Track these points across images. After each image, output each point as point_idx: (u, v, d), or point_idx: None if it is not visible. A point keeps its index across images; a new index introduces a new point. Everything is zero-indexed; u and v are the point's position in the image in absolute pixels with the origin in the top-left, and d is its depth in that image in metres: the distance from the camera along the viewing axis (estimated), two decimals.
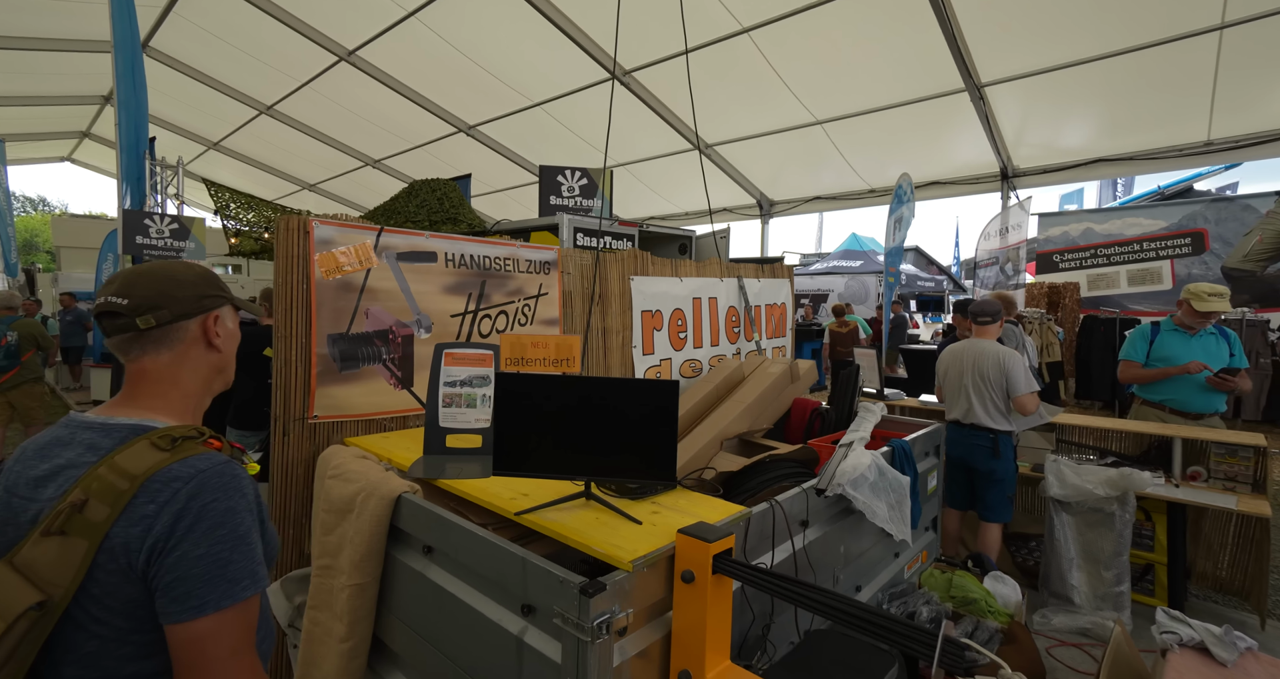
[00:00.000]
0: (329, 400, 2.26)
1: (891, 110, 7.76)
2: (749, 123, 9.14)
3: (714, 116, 9.13)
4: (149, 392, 1.03)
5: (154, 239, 5.14)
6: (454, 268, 2.60)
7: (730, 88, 8.19)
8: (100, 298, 1.02)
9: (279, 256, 2.17)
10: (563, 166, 4.78)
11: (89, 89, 12.28)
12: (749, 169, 10.56)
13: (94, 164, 17.20)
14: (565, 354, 1.87)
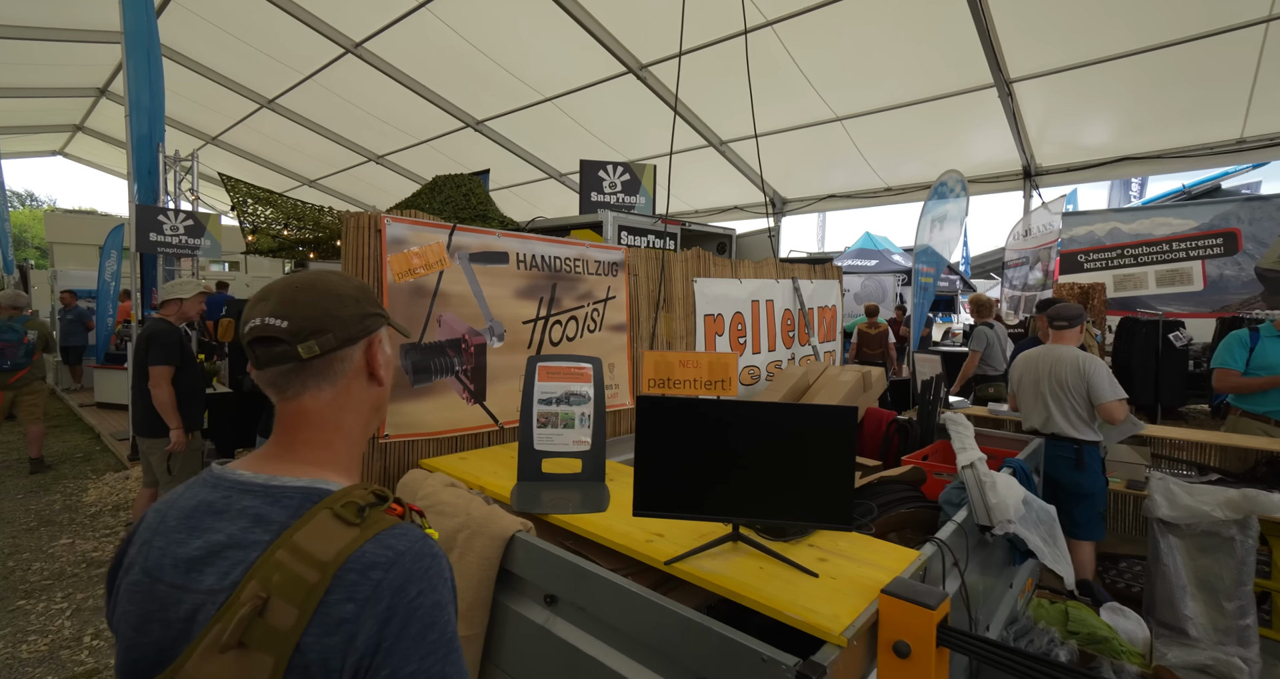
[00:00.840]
0: (401, 418, 2.01)
1: (914, 107, 7.56)
2: (765, 119, 8.90)
3: (730, 112, 8.88)
4: (310, 439, 0.79)
5: (168, 236, 4.82)
6: (525, 269, 2.35)
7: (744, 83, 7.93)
8: (253, 320, 0.77)
9: (347, 258, 1.91)
10: (604, 161, 4.51)
11: (83, 81, 11.78)
12: (764, 166, 10.32)
13: (87, 158, 16.59)
14: (720, 375, 1.62)
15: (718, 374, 1.66)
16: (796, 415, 1.26)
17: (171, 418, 3.35)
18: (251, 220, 5.15)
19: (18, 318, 5.39)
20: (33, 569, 3.57)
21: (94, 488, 4.99)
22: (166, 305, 3.53)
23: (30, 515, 4.40)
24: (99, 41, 9.85)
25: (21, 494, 4.87)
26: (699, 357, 1.68)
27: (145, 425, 3.40)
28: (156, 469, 3.42)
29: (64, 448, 6.33)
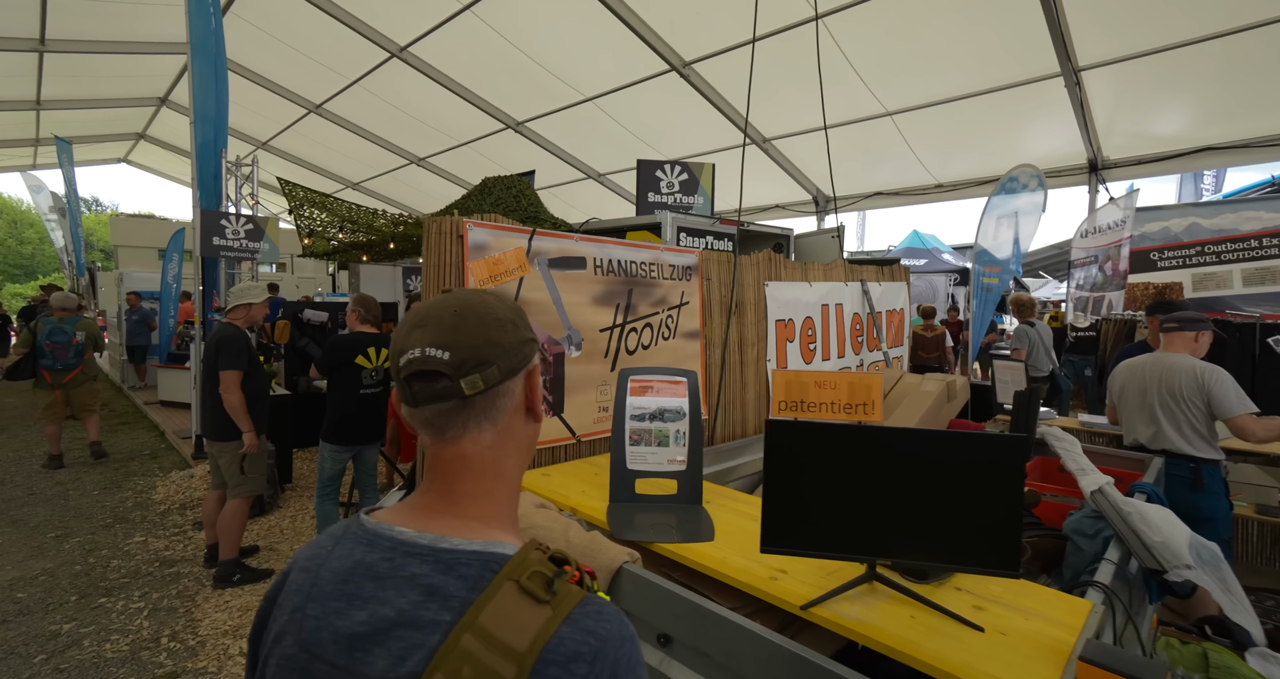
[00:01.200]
0: None
1: (969, 100, 7.20)
2: (811, 116, 8.63)
3: (774, 109, 8.64)
4: (474, 490, 0.68)
5: (229, 240, 4.88)
6: (601, 275, 2.23)
7: (794, 79, 7.70)
8: (411, 351, 0.66)
9: (429, 265, 1.82)
10: (661, 161, 4.38)
11: (146, 91, 12.21)
12: (806, 164, 10.05)
13: (149, 165, 17.26)
14: (862, 397, 1.47)
15: (859, 397, 1.50)
16: (955, 445, 1.10)
17: (244, 421, 3.36)
18: (307, 224, 5.19)
19: (68, 319, 5.49)
20: (111, 566, 3.64)
21: (161, 486, 5.11)
22: (235, 310, 3.55)
23: (106, 512, 4.52)
24: (160, 52, 10.18)
25: (97, 490, 5.01)
26: (837, 377, 1.52)
27: (216, 429, 3.42)
28: (226, 471, 3.44)
29: (132, 445, 6.54)
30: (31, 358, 5.36)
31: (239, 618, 3.09)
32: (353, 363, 3.48)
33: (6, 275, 30.41)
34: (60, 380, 5.45)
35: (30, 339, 5.37)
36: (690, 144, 10.03)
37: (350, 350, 3.48)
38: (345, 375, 3.49)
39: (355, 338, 3.52)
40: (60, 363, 5.41)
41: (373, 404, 3.61)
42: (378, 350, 3.58)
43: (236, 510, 3.43)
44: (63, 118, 12.57)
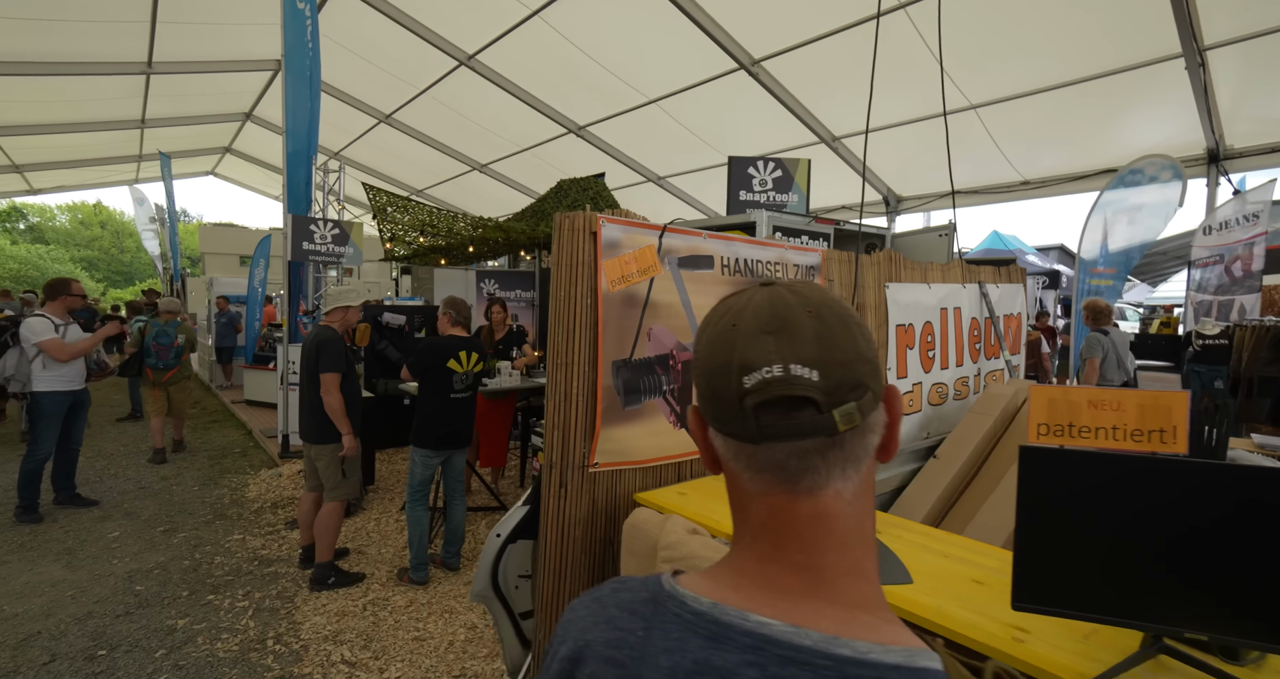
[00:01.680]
0: (612, 444, 1.76)
1: (1066, 89, 6.65)
2: (882, 112, 8.22)
3: (845, 106, 8.28)
4: (843, 565, 0.49)
5: (318, 244, 4.99)
6: (729, 275, 2.05)
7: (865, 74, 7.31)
8: (768, 369, 0.47)
9: (560, 264, 1.69)
10: (753, 157, 4.17)
11: (234, 107, 12.90)
12: (876, 162, 9.60)
13: (234, 177, 18.31)
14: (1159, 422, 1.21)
15: (1154, 422, 1.23)
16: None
17: (343, 424, 3.36)
18: (389, 228, 5.24)
19: (171, 322, 5.96)
20: (215, 563, 3.72)
21: (253, 484, 5.25)
22: (332, 312, 3.56)
23: (206, 508, 4.67)
24: (248, 70, 10.72)
25: (197, 486, 5.21)
26: (1121, 395, 1.27)
27: (315, 431, 3.43)
28: (324, 474, 3.45)
29: (224, 442, 6.82)
30: (139, 356, 5.85)
31: (336, 623, 3.07)
32: (444, 366, 3.43)
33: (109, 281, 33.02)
34: (161, 378, 5.91)
35: (140, 339, 5.86)
36: (756, 144, 9.76)
37: (442, 354, 3.43)
38: (436, 379, 3.44)
39: (447, 341, 3.47)
40: (162, 362, 5.86)
41: (463, 409, 3.55)
42: (469, 354, 3.52)
43: (333, 513, 3.43)
44: (162, 134, 13.44)
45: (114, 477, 5.43)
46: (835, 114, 8.82)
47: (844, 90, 7.83)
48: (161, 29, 8.76)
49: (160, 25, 8.67)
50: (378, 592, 3.41)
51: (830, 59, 7.41)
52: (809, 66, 7.60)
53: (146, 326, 5.86)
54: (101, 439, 6.81)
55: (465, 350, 3.50)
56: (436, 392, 3.45)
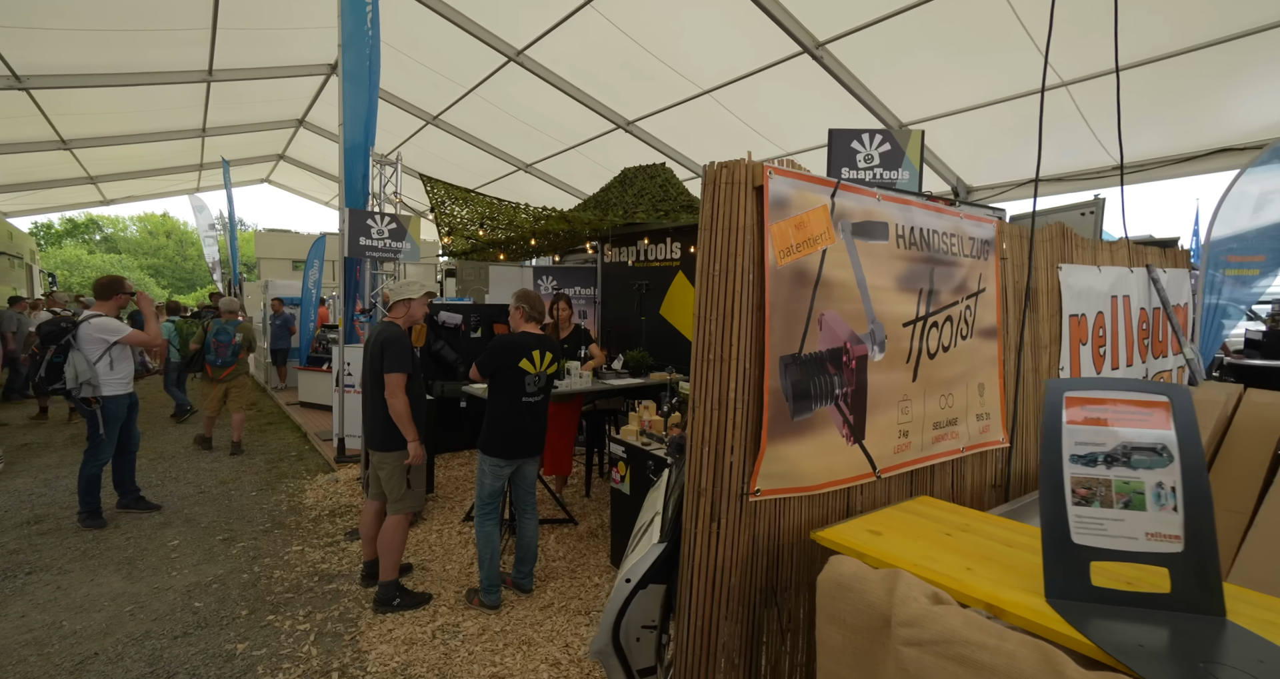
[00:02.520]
0: (778, 465, 1.34)
1: (1177, 59, 5.89)
2: (955, 95, 7.58)
3: (916, 91, 7.66)
4: None
5: (374, 240, 4.75)
6: (903, 247, 1.60)
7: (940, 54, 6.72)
8: None
9: (712, 231, 1.28)
10: (858, 130, 3.70)
11: (287, 114, 13.08)
12: (944, 151, 8.92)
13: (288, 184, 18.72)
14: None
15: None
16: None
17: (409, 429, 3.04)
18: (448, 221, 4.96)
19: (231, 321, 6.13)
20: (275, 578, 3.46)
21: (310, 490, 5.04)
22: (395, 307, 3.25)
23: (264, 515, 4.46)
24: (301, 75, 10.78)
25: (255, 491, 5.03)
26: None
27: (378, 437, 3.12)
28: (388, 484, 3.14)
29: (280, 445, 6.69)
30: (201, 354, 6.04)
31: (405, 654, 2.74)
32: (516, 367, 3.08)
33: (173, 287, 34.57)
34: (219, 375, 6.08)
35: (203, 337, 6.06)
36: (815, 135, 9.21)
37: (515, 352, 3.08)
38: (508, 380, 3.09)
39: (521, 339, 3.11)
40: (220, 359, 6.02)
41: (536, 413, 3.19)
42: (542, 353, 3.16)
43: (397, 527, 3.12)
44: (221, 142, 13.75)
45: (174, 480, 5.31)
46: (904, 100, 8.19)
47: (915, 73, 7.24)
48: (221, 36, 8.82)
49: (220, 32, 8.73)
50: (446, 616, 3.07)
51: (901, 39, 6.83)
52: (877, 48, 7.04)
53: (209, 324, 6.04)
54: (159, 440, 6.79)
55: (539, 349, 3.14)
56: (507, 394, 3.10)
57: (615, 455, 3.27)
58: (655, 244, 4.69)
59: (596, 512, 4.49)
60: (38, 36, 8.03)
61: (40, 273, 15.58)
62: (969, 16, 6.04)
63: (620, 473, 3.23)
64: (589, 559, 3.70)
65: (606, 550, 3.80)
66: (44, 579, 3.42)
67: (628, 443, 3.22)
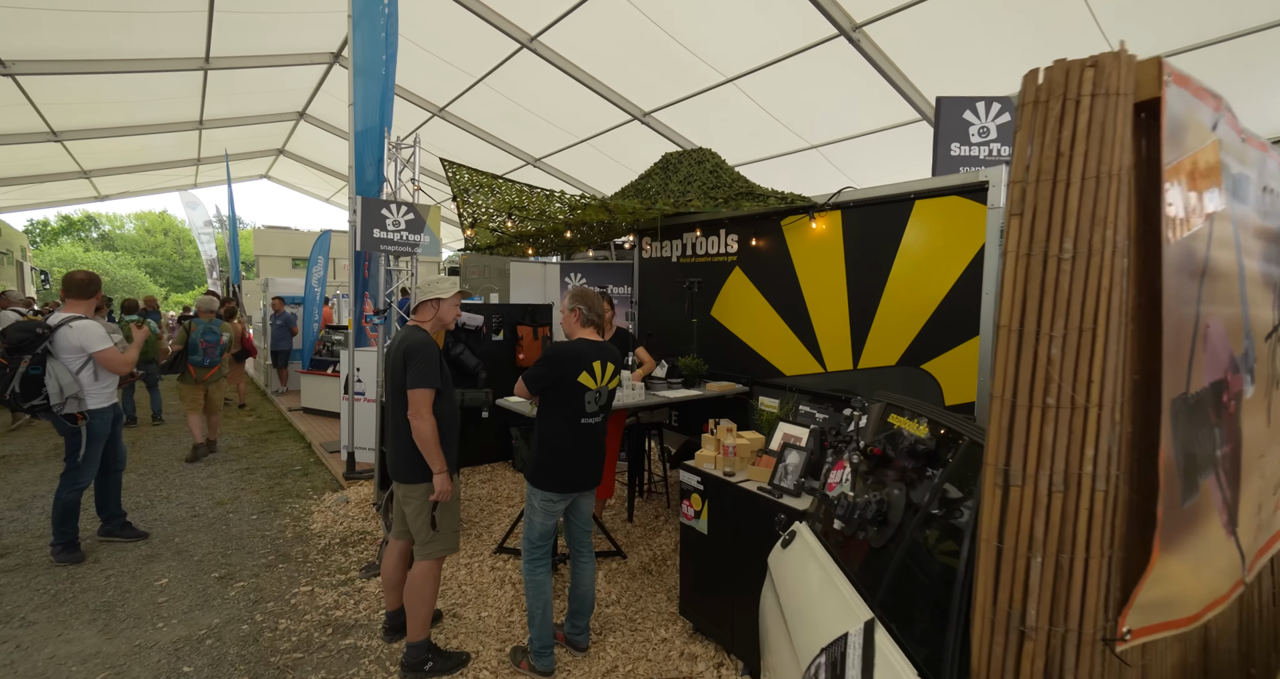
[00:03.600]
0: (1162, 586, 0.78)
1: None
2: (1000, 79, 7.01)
3: (954, 77, 7.10)
4: None
5: (390, 231, 4.15)
6: (1263, 217, 1.04)
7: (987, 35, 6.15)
8: None
9: (1035, 183, 0.71)
10: (972, 98, 3.10)
11: (287, 106, 12.42)
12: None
13: (287, 180, 18.04)
14: None
15: None
16: None
17: (435, 458, 2.45)
18: (471, 211, 4.37)
19: (215, 321, 5.83)
20: (280, 630, 2.87)
21: (318, 513, 4.44)
22: (421, 308, 2.66)
23: (266, 545, 3.86)
24: (302, 64, 10.13)
25: (256, 514, 4.41)
26: None
27: (402, 467, 2.53)
28: (414, 523, 2.55)
29: (283, 457, 6.08)
30: (183, 355, 5.68)
31: None
32: (575, 381, 2.50)
33: (171, 286, 33.80)
34: (203, 376, 5.79)
35: (185, 337, 5.69)
36: (843, 125, 8.65)
37: (574, 364, 2.49)
38: (564, 398, 2.51)
39: (580, 348, 2.53)
40: (208, 359, 5.76)
41: (596, 436, 2.61)
42: (604, 364, 2.57)
43: (427, 576, 2.53)
44: (219, 136, 13.08)
45: (165, 500, 4.70)
46: (941, 86, 7.58)
47: (957, 58, 6.69)
48: (219, 19, 8.17)
49: (217, 15, 8.08)
50: None
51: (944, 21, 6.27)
52: (918, 31, 6.48)
53: (192, 325, 5.71)
54: (149, 452, 6.17)
55: (601, 360, 2.55)
56: (563, 415, 2.52)
57: (688, 486, 2.70)
58: (707, 237, 4.11)
59: (644, 540, 3.91)
60: (23, 18, 7.37)
61: (32, 270, 14.86)
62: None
63: (694, 508, 2.66)
64: (647, 604, 3.13)
65: (665, 591, 3.23)
66: (1, 635, 2.82)
67: (705, 472, 2.64)
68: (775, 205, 3.47)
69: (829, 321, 3.24)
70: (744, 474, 2.56)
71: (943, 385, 2.72)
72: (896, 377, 2.88)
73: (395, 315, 4.45)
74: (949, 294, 2.68)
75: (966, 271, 2.61)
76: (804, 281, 3.41)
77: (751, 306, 3.78)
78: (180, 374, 5.75)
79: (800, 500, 2.26)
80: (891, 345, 2.92)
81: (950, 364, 2.69)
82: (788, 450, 2.36)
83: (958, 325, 2.64)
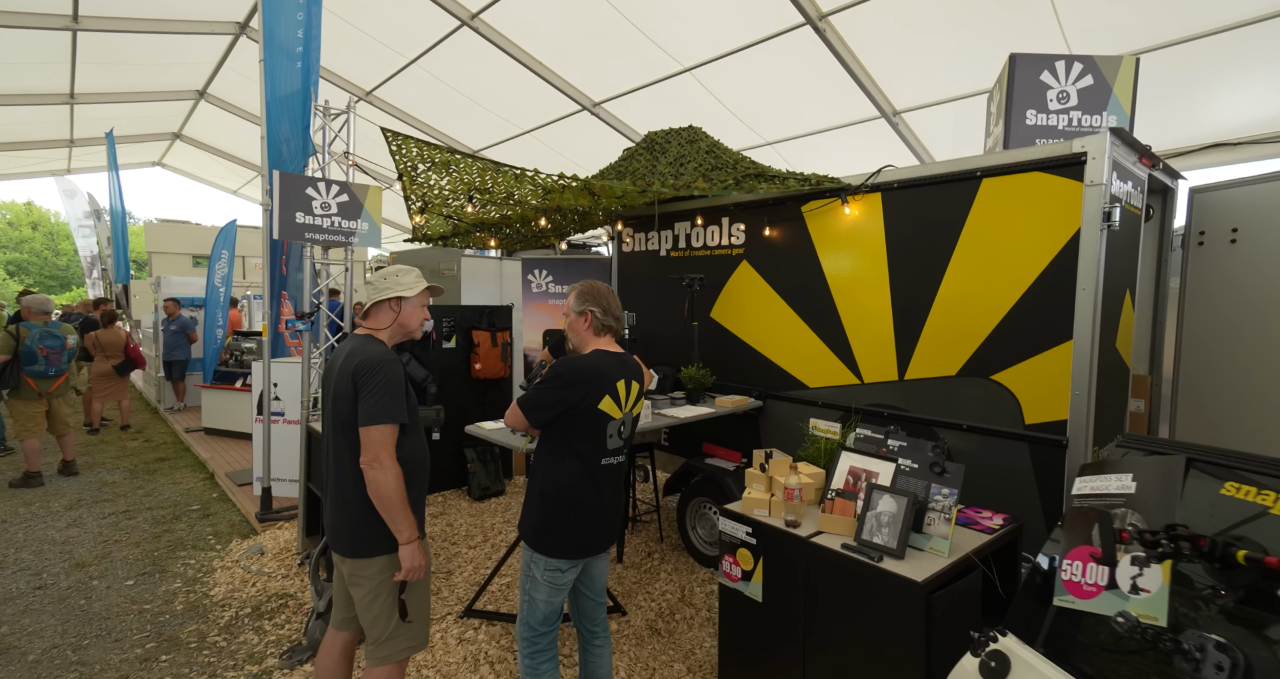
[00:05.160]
0: None
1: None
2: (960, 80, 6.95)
3: (916, 73, 7.01)
4: None
5: (318, 216, 3.26)
6: None
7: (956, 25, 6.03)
8: None
9: None
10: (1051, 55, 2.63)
11: (183, 82, 10.72)
12: (931, 137, 8.34)
13: (185, 169, 15.83)
14: None
15: None
16: None
17: (401, 520, 1.68)
18: (420, 194, 3.56)
19: (53, 323, 5.03)
20: None
21: (222, 570, 3.43)
22: (377, 312, 1.89)
23: (145, 626, 2.86)
24: (201, 33, 8.66)
25: (132, 578, 3.35)
26: None
27: (349, 534, 1.75)
28: (366, 612, 1.77)
29: (176, 494, 4.89)
30: (12, 366, 4.72)
31: None
32: (595, 409, 1.82)
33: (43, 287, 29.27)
34: (47, 388, 4.93)
35: (13, 345, 4.69)
36: (802, 122, 8.40)
37: (595, 385, 1.80)
38: (580, 431, 1.82)
39: (600, 364, 1.84)
40: (54, 368, 4.93)
41: (617, 480, 1.94)
42: (628, 384, 1.91)
43: None
44: (97, 114, 11.10)
45: (1, 566, 3.52)
46: (901, 82, 7.50)
47: (916, 54, 6.56)
48: None
49: None
50: None
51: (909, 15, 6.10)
52: (882, 24, 6.28)
53: (21, 330, 4.73)
54: None
55: (625, 379, 1.89)
56: (578, 453, 1.83)
57: (732, 539, 2.08)
58: (707, 226, 3.53)
59: (641, 587, 3.22)
60: None
61: None
62: None
63: (742, 566, 2.05)
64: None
65: (683, 658, 2.60)
66: None
67: (758, 522, 2.03)
68: (796, 188, 2.95)
69: (866, 324, 2.75)
70: (812, 524, 1.98)
71: (1021, 401, 2.28)
72: (957, 390, 2.43)
73: (325, 319, 3.54)
74: (1030, 290, 2.25)
75: (1054, 263, 2.18)
76: (832, 278, 2.90)
77: (763, 307, 3.24)
78: (11, 389, 4.76)
79: (910, 566, 1.69)
80: (950, 352, 2.46)
81: (1031, 375, 2.25)
82: (878, 494, 1.80)
83: (1041, 328, 2.21)
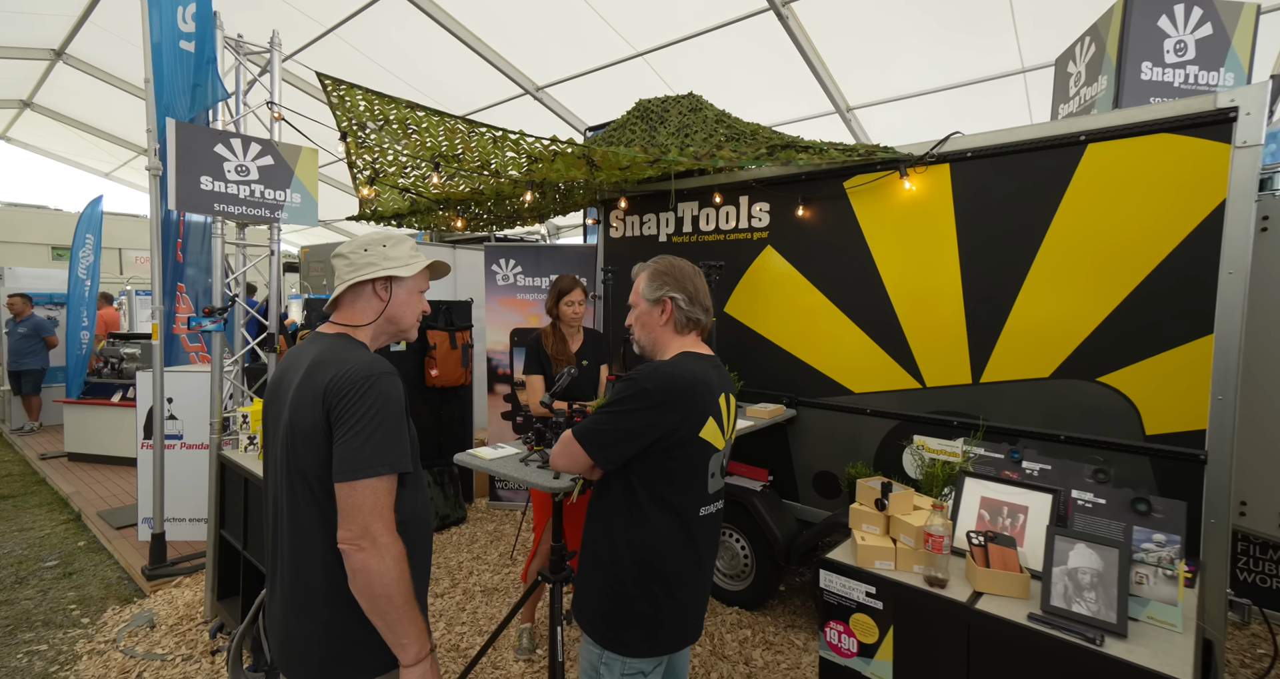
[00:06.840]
0: None
1: None
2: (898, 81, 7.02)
3: (872, 70, 7.02)
4: None
5: (232, 181, 2.40)
6: None
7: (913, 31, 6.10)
8: None
9: None
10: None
11: (34, 39, 8.76)
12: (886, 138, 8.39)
13: (37, 145, 13.17)
14: None
15: None
16: None
17: (406, 623, 1.01)
18: (369, 160, 2.78)
19: None
20: None
21: (89, 656, 2.47)
22: (353, 299, 1.20)
23: None
24: None
25: None
26: None
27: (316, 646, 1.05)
28: None
29: (25, 546, 3.68)
30: None
31: None
32: (697, 438, 1.23)
33: None
34: None
35: None
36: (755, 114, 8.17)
37: (699, 404, 1.20)
38: (673, 473, 1.22)
39: (698, 373, 1.26)
40: None
41: (713, 536, 1.37)
42: (727, 400, 1.35)
43: None
44: None
45: None
46: (858, 79, 7.47)
47: (877, 49, 6.53)
48: None
49: None
50: None
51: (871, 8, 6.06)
52: (844, 15, 6.19)
53: None
54: None
55: (725, 393, 1.33)
56: (666, 502, 1.23)
57: (842, 600, 1.55)
58: (721, 207, 3.03)
59: None
60: None
61: None
62: None
63: (859, 637, 1.52)
64: None
65: None
66: None
67: (884, 579, 1.50)
68: (840, 158, 2.50)
69: (930, 319, 2.36)
70: (957, 581, 1.49)
71: (1140, 408, 1.93)
72: (1052, 394, 2.07)
73: (240, 318, 2.67)
74: (1151, 276, 1.91)
75: (1187, 242, 1.84)
76: (884, 264, 2.49)
77: (793, 300, 2.78)
78: None
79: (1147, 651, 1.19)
80: (1042, 350, 2.11)
81: (1153, 377, 1.90)
82: (1064, 544, 1.33)
83: (1168, 321, 1.86)
